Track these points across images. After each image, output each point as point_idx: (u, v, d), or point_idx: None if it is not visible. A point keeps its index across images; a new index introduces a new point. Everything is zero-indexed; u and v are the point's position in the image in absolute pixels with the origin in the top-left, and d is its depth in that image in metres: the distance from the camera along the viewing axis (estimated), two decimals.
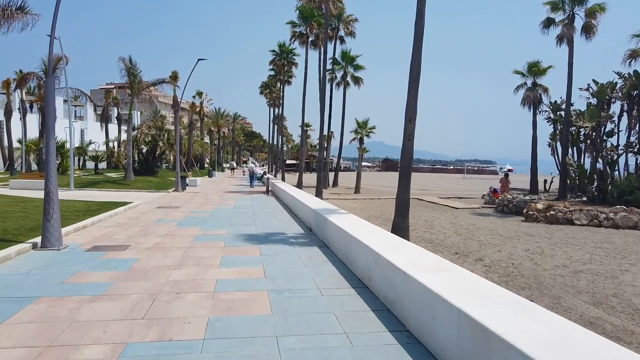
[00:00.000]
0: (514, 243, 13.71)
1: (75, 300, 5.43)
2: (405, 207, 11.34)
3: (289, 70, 48.83)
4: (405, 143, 11.16)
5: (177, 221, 12.78)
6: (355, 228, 7.72)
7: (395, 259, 5.13)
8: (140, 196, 21.29)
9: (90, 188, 24.79)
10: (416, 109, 11.07)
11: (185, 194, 23.80)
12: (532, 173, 28.53)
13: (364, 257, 6.25)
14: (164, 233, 10.62)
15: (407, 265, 4.78)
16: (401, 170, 11.32)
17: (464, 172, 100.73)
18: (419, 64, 10.95)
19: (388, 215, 20.29)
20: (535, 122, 27.88)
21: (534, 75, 27.78)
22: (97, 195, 21.42)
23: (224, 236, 10.34)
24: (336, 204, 24.97)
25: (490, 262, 11.10)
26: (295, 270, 7.12)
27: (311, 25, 32.73)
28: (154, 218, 13.38)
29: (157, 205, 17.15)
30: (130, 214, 14.28)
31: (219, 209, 16.32)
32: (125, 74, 25.69)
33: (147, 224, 12.05)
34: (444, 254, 11.87)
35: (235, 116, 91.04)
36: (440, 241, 13.67)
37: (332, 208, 11.40)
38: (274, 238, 10.24)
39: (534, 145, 27.95)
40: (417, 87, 11.00)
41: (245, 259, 7.91)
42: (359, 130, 36.78)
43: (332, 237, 8.59)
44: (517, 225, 17.76)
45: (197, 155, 62.91)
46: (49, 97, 8.32)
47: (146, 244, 9.21)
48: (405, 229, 11.35)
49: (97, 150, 51.12)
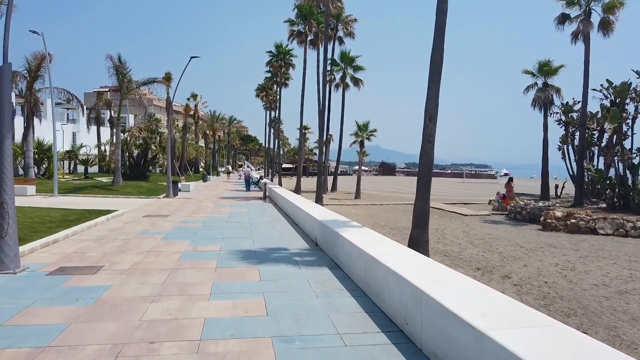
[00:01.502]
0: (539, 256, 12.37)
1: (7, 358, 3.95)
2: (425, 218, 9.92)
3: (285, 72, 47.49)
4: (424, 146, 9.75)
5: (164, 233, 11.28)
6: (377, 248, 6.28)
7: (450, 301, 3.69)
8: (128, 203, 19.78)
9: (75, 194, 23.22)
10: (437, 106, 9.68)
11: (177, 200, 22.28)
12: (543, 178, 27.17)
13: (396, 290, 4.80)
14: (146, 249, 9.13)
15: (473, 315, 3.34)
16: (420, 176, 9.90)
17: (462, 177, 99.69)
18: (441, 54, 9.58)
19: (394, 223, 18.89)
20: (546, 125, 26.55)
21: (545, 75, 26.47)
22: (81, 202, 19.89)
23: (216, 253, 8.86)
24: (337, 210, 23.55)
25: (520, 280, 9.72)
26: (304, 302, 5.66)
27: (310, 23, 31.38)
28: (138, 229, 11.87)
29: (144, 214, 15.63)
30: (113, 224, 12.77)
31: (212, 218, 14.84)
32: (114, 73, 24.12)
33: (130, 237, 10.55)
34: (465, 270, 10.53)
35: (231, 119, 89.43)
36: (457, 254, 12.32)
37: (340, 219, 9.95)
38: (275, 255, 8.77)
39: (544, 148, 26.60)
40: (438, 81, 9.61)
41: (241, 286, 6.44)
42: (360, 133, 35.38)
43: (347, 257, 7.15)
44: (535, 235, 16.43)
45: (192, 159, 61.34)
46: (4, 87, 6.83)
47: (123, 264, 7.72)
48: (424, 243, 9.93)
49: (88, 154, 49.49)
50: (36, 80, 26.44)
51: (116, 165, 25.34)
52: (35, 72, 25.79)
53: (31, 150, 25.93)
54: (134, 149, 32.46)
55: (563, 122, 27.04)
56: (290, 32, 33.69)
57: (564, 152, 27.66)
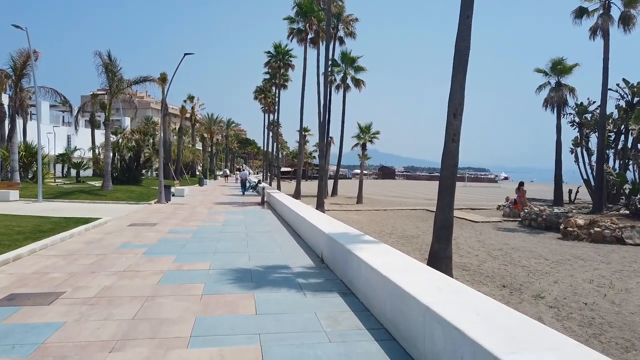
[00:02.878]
0: (568, 270, 11.04)
1: None
2: (448, 230, 8.56)
3: (284, 74, 46.25)
4: (448, 146, 8.39)
5: (148, 247, 9.86)
6: (406, 275, 4.89)
7: None
8: (115, 209, 18.38)
9: (61, 199, 21.79)
10: (463, 99, 8.33)
11: (169, 206, 20.86)
12: (556, 182, 25.75)
13: (447, 347, 3.41)
14: (122, 268, 7.72)
15: None
16: (443, 181, 8.53)
17: (464, 180, 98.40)
18: (468, 40, 8.22)
19: (402, 231, 17.53)
20: (559, 126, 25.11)
21: (558, 74, 25.12)
22: (65, 208, 18.49)
23: (204, 273, 7.45)
24: (339, 216, 22.16)
25: (555, 301, 8.36)
26: (314, 352, 4.26)
27: (310, 21, 30.06)
28: (118, 242, 10.45)
29: (129, 222, 14.21)
30: (91, 235, 11.34)
31: (205, 228, 13.42)
32: (103, 71, 22.66)
33: (106, 252, 9.13)
34: (490, 288, 9.19)
35: (229, 122, 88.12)
36: (477, 268, 10.98)
37: (351, 232, 8.56)
38: (275, 276, 7.38)
39: (558, 151, 25.19)
40: (464, 70, 8.26)
41: (232, 323, 5.03)
42: (362, 135, 33.98)
43: (364, 284, 5.76)
44: (557, 245, 15.09)
45: (188, 162, 59.91)
46: None
47: (89, 289, 6.32)
48: (447, 260, 8.56)
49: (82, 157, 48.02)
50: (22, 79, 25.03)
51: (106, 169, 23.87)
52: (21, 71, 24.40)
53: (16, 152, 24.47)
54: (126, 152, 30.96)
55: (577, 123, 25.68)
56: (290, 30, 32.36)
57: (576, 155, 26.32)
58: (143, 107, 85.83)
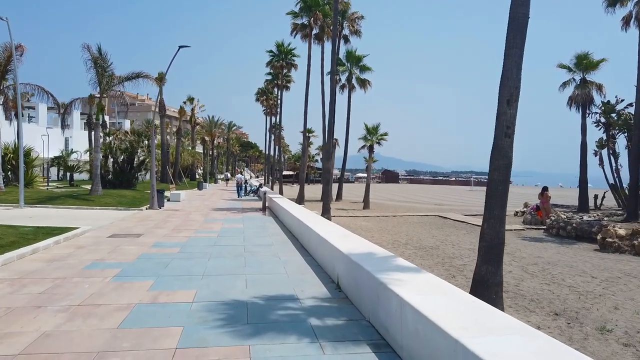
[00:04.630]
0: (624, 291, 9.28)
1: None
2: (499, 249, 6.70)
3: (287, 74, 44.60)
4: (499, 141, 6.55)
5: (122, 266, 8.02)
6: (487, 337, 3.07)
7: None
8: (100, 216, 16.59)
9: (45, 204, 20.01)
10: (519, 81, 6.51)
11: (161, 212, 19.04)
12: (581, 187, 23.79)
13: None
14: (79, 300, 5.89)
15: None
16: (492, 186, 6.69)
17: (470, 184, 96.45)
18: (527, 4, 6.41)
19: (417, 241, 15.70)
20: (584, 126, 23.18)
21: (584, 70, 23.26)
22: (46, 215, 16.72)
23: (185, 309, 5.60)
24: (347, 223, 20.28)
25: (627, 337, 6.69)
26: None
27: (315, 15, 28.31)
28: (89, 259, 8.62)
29: (111, 233, 12.38)
30: (58, 250, 9.51)
31: (196, 239, 11.58)
32: (92, 66, 20.84)
33: (68, 275, 7.31)
34: (540, 317, 7.39)
35: (230, 125, 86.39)
36: (515, 288, 9.21)
37: (378, 252, 6.70)
38: (279, 314, 5.53)
39: (583, 153, 23.25)
40: (522, 45, 6.44)
41: None
42: (369, 137, 32.12)
43: (413, 339, 3.91)
44: (598, 259, 13.26)
45: (188, 165, 58.17)
46: None
47: (18, 339, 4.48)
48: (497, 287, 6.71)
49: (79, 160, 46.42)
50: (7, 75, 23.30)
51: (94, 172, 22.04)
52: (5, 67, 22.65)
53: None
54: (119, 154, 29.14)
55: (602, 123, 23.78)
56: (294, 25, 30.60)
57: (601, 158, 24.43)
58: (144, 110, 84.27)
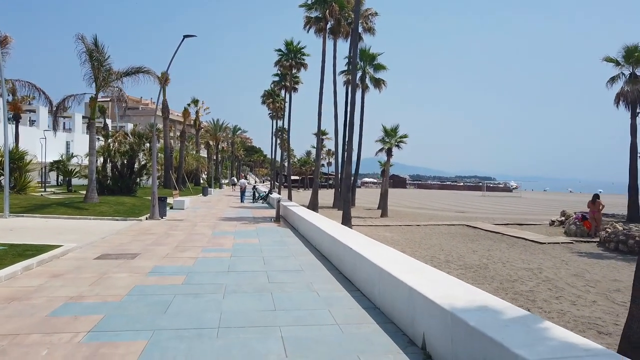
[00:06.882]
0: None
1: None
2: None
3: (295, 75, 42.58)
4: None
5: (105, 310, 5.73)
6: None
7: None
8: (92, 229, 14.37)
9: (33, 214, 17.81)
10: None
11: (163, 223, 16.79)
12: (631, 194, 21.45)
13: None
14: None
15: None
16: None
17: (479, 190, 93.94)
18: None
19: (457, 257, 13.34)
20: (634, 126, 20.89)
21: (634, 65, 20.99)
22: (31, 226, 14.57)
23: None
24: (367, 233, 17.60)
25: None
26: None
27: (331, 7, 26.16)
28: (61, 297, 6.33)
29: (100, 252, 10.11)
30: (25, 281, 7.24)
31: (205, 262, 9.29)
32: (87, 59, 18.64)
33: (22, 330, 5.02)
34: None
35: (235, 129, 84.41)
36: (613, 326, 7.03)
37: (495, 305, 4.37)
38: None
39: (632, 156, 20.91)
40: None
41: None
42: (387, 139, 29.82)
43: None
44: None
45: (192, 170, 56.08)
46: None
47: None
48: None
49: (79, 165, 44.48)
50: None
51: (89, 177, 19.79)
52: None
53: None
54: (118, 158, 26.93)
55: None
56: (307, 19, 28.44)
57: None
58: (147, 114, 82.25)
